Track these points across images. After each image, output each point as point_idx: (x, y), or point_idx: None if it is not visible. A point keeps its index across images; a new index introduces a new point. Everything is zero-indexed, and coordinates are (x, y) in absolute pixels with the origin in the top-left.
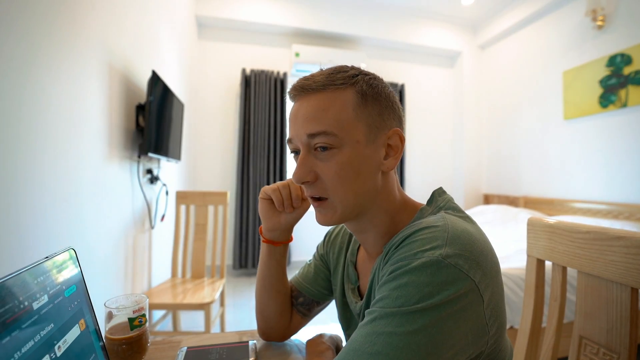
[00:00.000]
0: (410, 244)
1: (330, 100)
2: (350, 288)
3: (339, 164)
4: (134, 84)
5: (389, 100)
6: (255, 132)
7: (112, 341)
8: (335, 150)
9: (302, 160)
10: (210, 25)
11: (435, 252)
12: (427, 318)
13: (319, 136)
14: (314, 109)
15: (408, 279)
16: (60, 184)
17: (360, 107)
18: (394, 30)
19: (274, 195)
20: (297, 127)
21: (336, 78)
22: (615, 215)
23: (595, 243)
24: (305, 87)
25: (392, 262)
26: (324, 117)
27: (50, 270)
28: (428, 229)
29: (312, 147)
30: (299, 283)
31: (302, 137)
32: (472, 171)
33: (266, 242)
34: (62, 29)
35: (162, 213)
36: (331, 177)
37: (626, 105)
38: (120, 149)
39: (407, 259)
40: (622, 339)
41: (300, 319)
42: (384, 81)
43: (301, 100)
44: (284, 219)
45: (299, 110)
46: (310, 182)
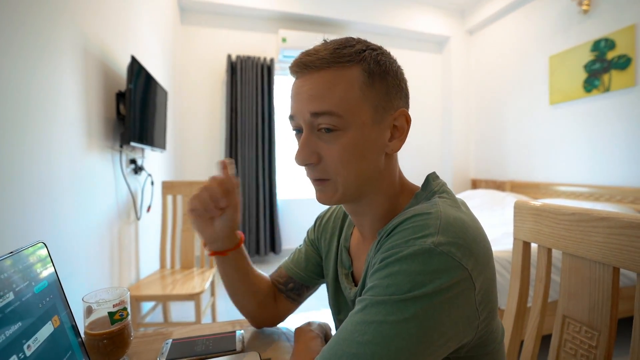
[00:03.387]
0: (401, 231)
1: (336, 79)
2: (344, 273)
3: (343, 146)
4: (113, 71)
5: (397, 78)
6: (243, 119)
7: (92, 337)
8: (340, 132)
9: (305, 141)
10: (194, 9)
11: (427, 240)
12: (419, 306)
13: (324, 116)
14: (319, 87)
15: (399, 267)
16: (34, 175)
17: (367, 86)
18: (382, 15)
19: (197, 201)
20: (301, 105)
21: (342, 54)
22: (597, 197)
23: (579, 224)
24: (309, 64)
25: (383, 249)
26: (329, 96)
27: (16, 266)
28: (420, 216)
29: (315, 127)
30: (290, 268)
31: (305, 116)
32: (460, 156)
33: (213, 254)
34: (31, 12)
35: (147, 204)
36: (334, 160)
37: (609, 89)
38: (100, 138)
39: (398, 246)
40: (604, 317)
41: (289, 305)
42: (392, 56)
43: (305, 76)
44: (219, 226)
45: (302, 87)
46: (313, 164)
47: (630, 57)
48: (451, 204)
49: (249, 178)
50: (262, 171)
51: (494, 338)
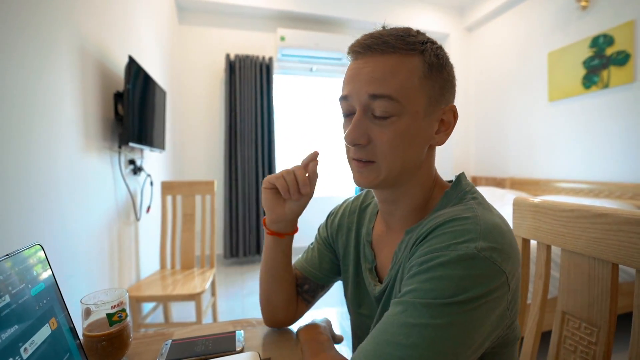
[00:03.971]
0: (440, 235)
1: (399, 65)
2: (368, 268)
3: (395, 132)
4: (110, 71)
5: (451, 75)
6: (242, 118)
7: (90, 338)
8: (395, 118)
9: (357, 122)
10: (191, 8)
11: (470, 245)
12: (462, 311)
13: (382, 99)
14: (381, 70)
15: (442, 272)
16: (31, 177)
17: (425, 77)
18: (380, 13)
19: (279, 182)
20: (359, 86)
21: (407, 42)
22: (596, 193)
23: (578, 221)
24: (373, 46)
25: (421, 253)
26: (391, 80)
27: (13, 268)
28: (458, 220)
29: (371, 109)
30: (305, 268)
31: (362, 97)
32: (460, 153)
33: (271, 234)
34: (27, 11)
35: (147, 204)
36: (384, 144)
37: (608, 86)
38: (99, 139)
39: (439, 250)
40: (603, 313)
41: (304, 306)
42: (447, 53)
43: (366, 58)
44: (289, 209)
45: (363, 68)
46: (362, 145)
47: (629, 53)
48: (486, 207)
49: (249, 177)
50: (261, 170)
51: (515, 335)
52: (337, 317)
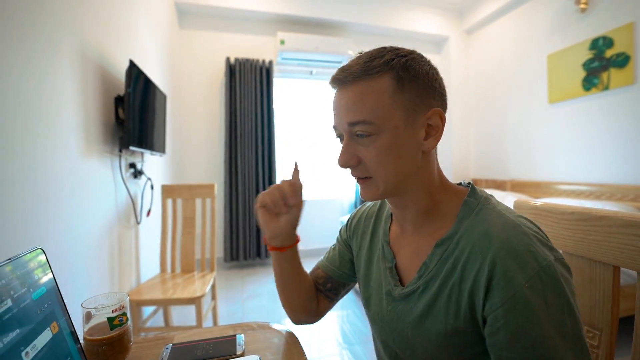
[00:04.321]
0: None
1: (366, 90)
2: (388, 267)
3: (378, 148)
4: (111, 75)
5: (428, 80)
6: (242, 122)
7: (91, 342)
8: (375, 136)
9: (345, 146)
10: (192, 12)
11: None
12: (574, 315)
13: (358, 125)
14: (351, 100)
15: (549, 292)
16: (32, 181)
17: (397, 92)
18: (380, 16)
19: (266, 199)
20: (339, 117)
21: (372, 66)
22: (598, 196)
23: (579, 223)
24: (342, 79)
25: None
26: (362, 106)
27: (14, 272)
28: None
29: (353, 133)
30: (326, 266)
31: (344, 126)
32: (460, 156)
33: (273, 249)
34: (29, 16)
35: (147, 208)
36: (372, 160)
37: (608, 88)
38: (100, 143)
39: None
40: (604, 316)
41: (327, 303)
42: (424, 59)
43: (341, 90)
44: (283, 222)
45: (340, 101)
46: (354, 166)
47: (629, 55)
48: (509, 212)
49: (249, 180)
50: (262, 174)
51: None
52: (337, 320)
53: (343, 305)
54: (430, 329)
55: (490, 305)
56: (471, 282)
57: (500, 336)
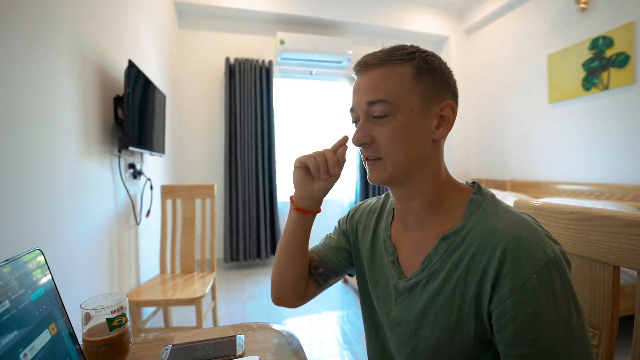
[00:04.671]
0: (520, 256)
1: (389, 73)
2: (390, 261)
3: (393, 128)
4: (111, 75)
5: (444, 76)
6: (242, 122)
7: (90, 343)
8: (391, 117)
9: (361, 125)
10: (191, 12)
11: (552, 252)
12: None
13: (377, 104)
14: (374, 81)
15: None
16: (31, 181)
17: (415, 80)
18: (380, 16)
19: (310, 161)
20: (359, 97)
21: (395, 54)
22: (598, 195)
23: (579, 223)
24: (367, 63)
25: (510, 277)
26: (383, 87)
27: (12, 274)
28: (517, 235)
29: (371, 114)
30: (321, 251)
31: (363, 105)
32: (460, 156)
33: (297, 210)
34: (29, 17)
35: (147, 208)
36: (385, 140)
37: (608, 87)
38: (99, 143)
39: (536, 271)
40: (605, 315)
41: (314, 288)
42: (443, 60)
43: (363, 74)
44: (317, 188)
45: (362, 82)
46: (367, 144)
47: (629, 55)
48: (513, 209)
49: (249, 181)
50: (262, 174)
51: None
52: (337, 320)
53: (343, 305)
54: (434, 321)
55: (499, 297)
56: (479, 274)
57: (508, 329)
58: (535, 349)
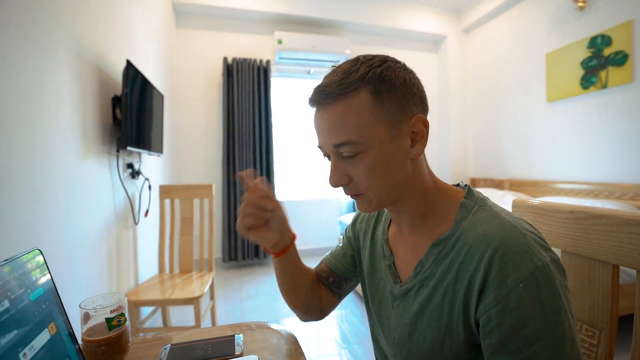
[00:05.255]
0: (506, 264)
1: (346, 110)
2: (387, 265)
3: (367, 166)
4: (108, 75)
5: (406, 87)
6: (240, 122)
7: (89, 343)
8: (362, 154)
9: (334, 166)
10: (189, 12)
11: (540, 261)
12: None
13: (343, 146)
14: (332, 121)
15: (543, 292)
16: (30, 182)
17: (377, 107)
18: (377, 16)
19: (250, 220)
20: (323, 138)
21: (347, 84)
22: (597, 194)
23: (578, 222)
24: (319, 100)
25: (495, 285)
26: (344, 127)
27: (11, 273)
28: (504, 242)
29: (340, 153)
30: (329, 261)
31: (329, 147)
32: (458, 155)
33: (279, 254)
34: (26, 18)
35: (145, 208)
36: (362, 178)
37: (606, 86)
38: (97, 143)
39: (522, 280)
40: (604, 315)
41: (332, 298)
42: (399, 64)
43: (320, 111)
44: (274, 227)
45: (320, 122)
46: (346, 184)
47: (627, 53)
48: (506, 213)
49: None
50: (260, 173)
51: None
52: (336, 320)
53: (342, 304)
54: (426, 327)
55: (484, 306)
56: (466, 283)
57: (493, 337)
58: (520, 357)
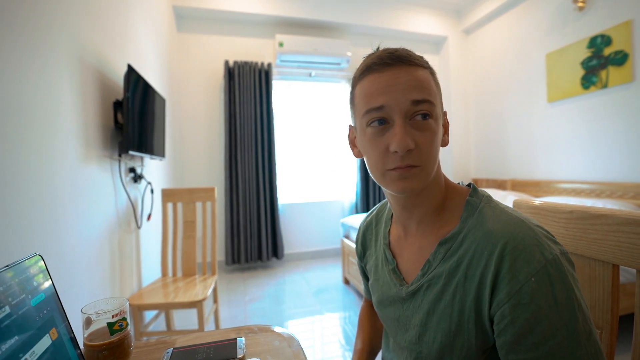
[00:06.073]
0: (517, 259)
1: (426, 76)
2: (390, 269)
3: (433, 133)
4: (110, 80)
5: (440, 89)
6: (242, 125)
7: (91, 348)
8: (432, 120)
9: (403, 128)
10: (190, 16)
11: (550, 254)
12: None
13: (425, 104)
14: (417, 79)
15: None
16: (31, 187)
17: (436, 87)
18: (378, 17)
19: None
20: (397, 94)
21: (419, 58)
22: (598, 194)
23: (578, 222)
24: (402, 58)
25: (507, 281)
26: (427, 88)
27: (12, 279)
28: (513, 237)
29: (410, 115)
30: (367, 293)
31: (404, 104)
32: (461, 156)
33: None
34: (29, 24)
35: (148, 212)
36: (427, 146)
37: (607, 86)
38: (99, 148)
39: (533, 274)
40: (605, 314)
41: None
42: None
43: (397, 69)
44: None
45: (398, 78)
46: (410, 150)
47: (627, 53)
48: (512, 210)
49: (250, 183)
50: (262, 176)
51: None
52: (340, 322)
53: (345, 306)
54: (436, 327)
55: (497, 302)
56: (477, 280)
57: (508, 334)
58: (536, 354)
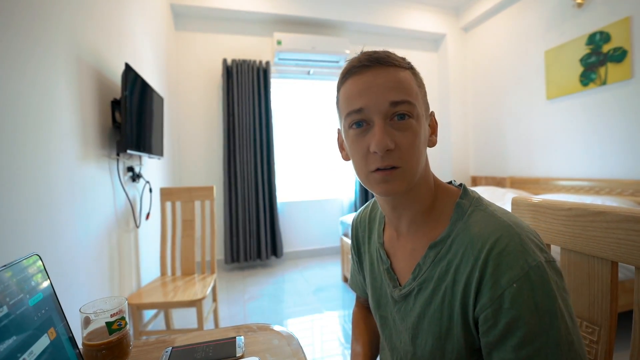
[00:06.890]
0: (500, 264)
1: (406, 76)
2: (384, 269)
3: (414, 133)
4: (107, 79)
5: (425, 90)
6: (240, 123)
7: (90, 347)
8: (412, 120)
9: (382, 128)
10: (187, 14)
11: (534, 261)
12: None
13: (403, 104)
14: (395, 80)
15: (538, 293)
16: (30, 186)
17: (418, 86)
18: (377, 15)
19: None
20: (375, 96)
21: (400, 60)
22: (597, 191)
23: (577, 220)
24: (381, 60)
25: (490, 286)
26: (406, 87)
27: (10, 279)
28: (498, 243)
29: (389, 115)
30: (359, 289)
31: (382, 105)
32: (459, 154)
33: None
34: (26, 22)
35: (146, 211)
36: (407, 147)
37: (605, 82)
38: (97, 147)
39: (516, 280)
40: (603, 311)
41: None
42: None
43: (376, 70)
44: None
45: (376, 80)
46: (391, 151)
47: (626, 50)
48: (502, 213)
49: (248, 182)
50: (261, 174)
51: None
52: (339, 320)
53: (344, 304)
54: (427, 330)
55: (481, 306)
56: (463, 284)
57: (490, 336)
58: (516, 356)
